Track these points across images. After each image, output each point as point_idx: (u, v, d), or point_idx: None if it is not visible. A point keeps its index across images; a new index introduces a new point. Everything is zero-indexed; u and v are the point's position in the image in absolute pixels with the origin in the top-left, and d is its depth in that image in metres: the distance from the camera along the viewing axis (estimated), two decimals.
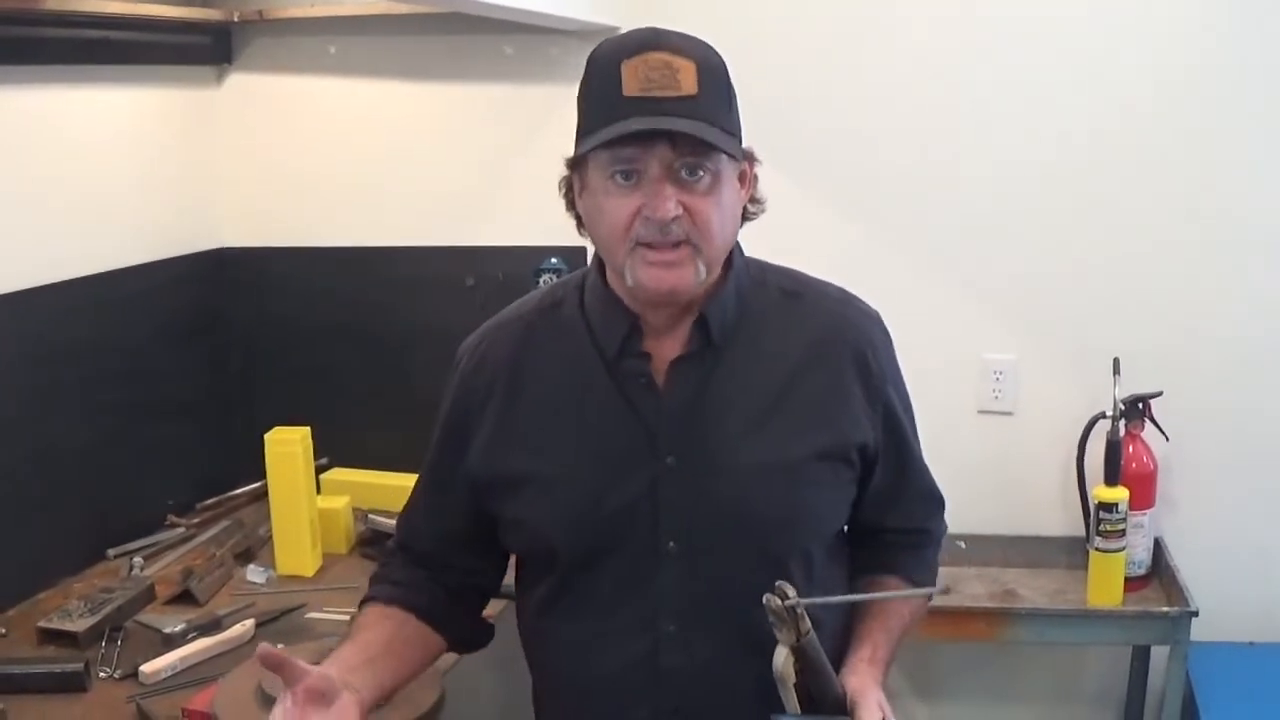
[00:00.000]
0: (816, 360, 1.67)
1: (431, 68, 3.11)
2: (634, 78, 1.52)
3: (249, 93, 3.22)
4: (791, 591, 1.45)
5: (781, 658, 1.48)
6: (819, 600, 1.51)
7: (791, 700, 1.50)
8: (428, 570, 1.79)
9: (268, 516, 2.76)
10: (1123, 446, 2.78)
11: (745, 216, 1.68)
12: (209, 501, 3.05)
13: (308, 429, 2.72)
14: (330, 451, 3.01)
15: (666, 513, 1.62)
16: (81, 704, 2.12)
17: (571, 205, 1.67)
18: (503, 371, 1.71)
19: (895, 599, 1.76)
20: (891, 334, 1.76)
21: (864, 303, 1.77)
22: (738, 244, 1.70)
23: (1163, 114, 2.84)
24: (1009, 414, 3.02)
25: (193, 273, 3.12)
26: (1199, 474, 2.94)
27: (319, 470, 2.88)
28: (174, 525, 2.93)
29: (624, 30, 1.62)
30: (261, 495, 2.89)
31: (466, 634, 1.85)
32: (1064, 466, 2.96)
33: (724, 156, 1.55)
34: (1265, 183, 2.83)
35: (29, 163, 2.62)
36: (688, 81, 1.52)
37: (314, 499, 2.75)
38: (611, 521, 1.63)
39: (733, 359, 1.66)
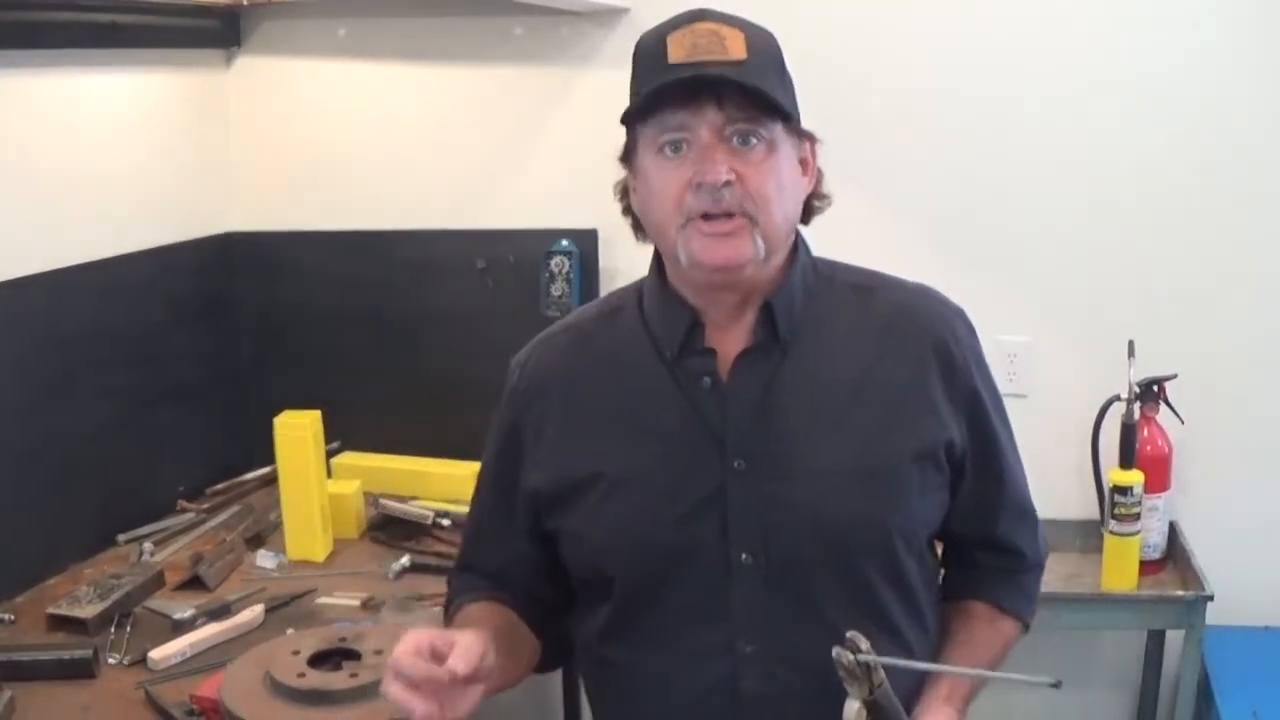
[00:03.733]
0: (892, 353, 1.57)
1: (441, 50, 3.09)
2: (679, 46, 1.45)
3: (258, 76, 3.20)
4: (865, 644, 1.35)
5: (853, 712, 1.39)
6: (895, 662, 1.40)
7: None
8: (502, 587, 1.70)
9: (278, 501, 2.75)
10: (1138, 429, 2.77)
11: (811, 210, 1.59)
12: (219, 486, 3.04)
13: (318, 413, 2.71)
14: (341, 435, 3.01)
15: (736, 522, 1.51)
16: (90, 690, 2.11)
17: (628, 210, 1.59)
18: (555, 383, 1.63)
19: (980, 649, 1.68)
20: None
21: (945, 296, 1.67)
22: (803, 239, 1.61)
23: (1179, 97, 2.81)
24: (1023, 396, 2.99)
25: (201, 257, 3.11)
26: (1214, 457, 2.92)
27: (329, 454, 2.87)
28: (184, 510, 2.93)
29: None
30: (272, 480, 2.89)
31: (559, 643, 1.73)
32: (1078, 449, 2.93)
33: (780, 128, 1.47)
34: None
35: (36, 147, 2.60)
36: (736, 47, 1.44)
37: (324, 483, 2.74)
38: (676, 533, 1.52)
39: (802, 355, 1.55)
